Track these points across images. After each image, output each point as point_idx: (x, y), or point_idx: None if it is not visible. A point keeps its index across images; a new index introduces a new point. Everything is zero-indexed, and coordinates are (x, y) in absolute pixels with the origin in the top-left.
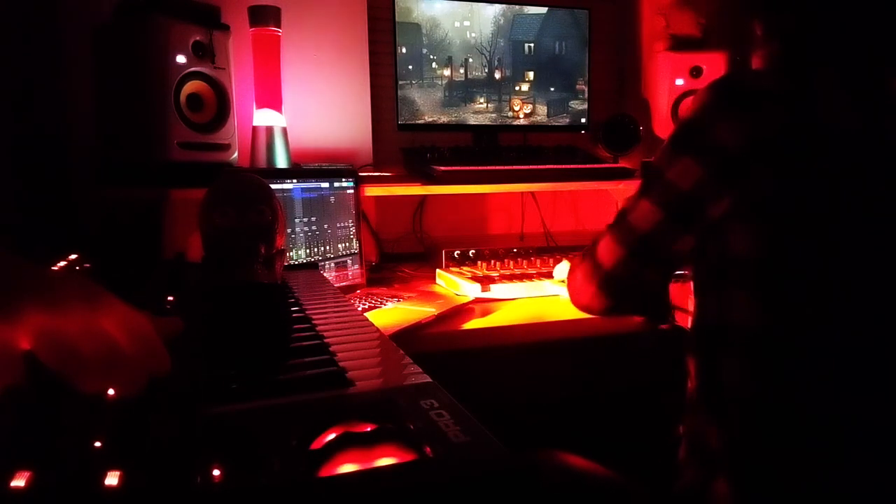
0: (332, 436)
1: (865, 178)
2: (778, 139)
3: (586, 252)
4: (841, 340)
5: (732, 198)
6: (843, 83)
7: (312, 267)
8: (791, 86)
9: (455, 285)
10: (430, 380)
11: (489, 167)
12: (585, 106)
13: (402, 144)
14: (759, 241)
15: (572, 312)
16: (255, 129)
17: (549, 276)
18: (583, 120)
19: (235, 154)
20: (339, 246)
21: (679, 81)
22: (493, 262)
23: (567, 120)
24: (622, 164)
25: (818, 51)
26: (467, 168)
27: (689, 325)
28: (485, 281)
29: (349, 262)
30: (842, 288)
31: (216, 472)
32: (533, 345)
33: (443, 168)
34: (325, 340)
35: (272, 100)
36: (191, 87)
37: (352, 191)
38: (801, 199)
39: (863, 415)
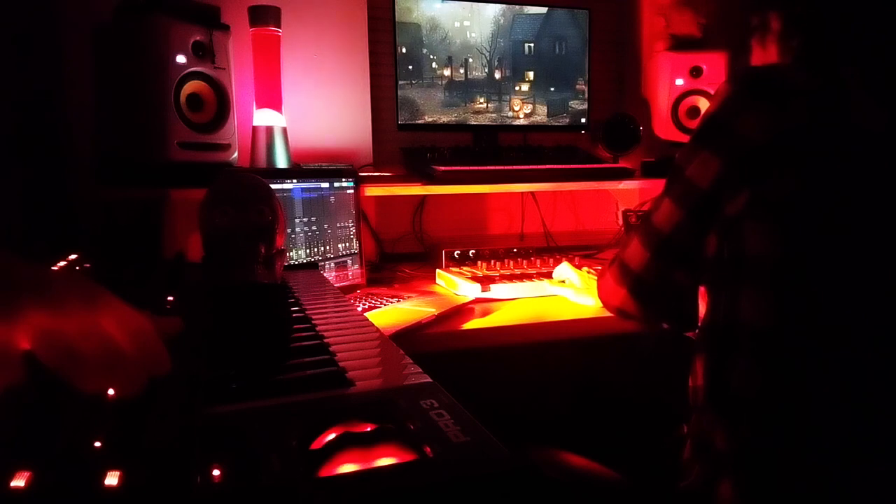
0: (332, 436)
1: (886, 181)
2: (801, 136)
3: (616, 255)
4: (854, 344)
5: (750, 194)
6: (867, 83)
7: (312, 267)
8: (818, 83)
9: (455, 285)
10: (430, 380)
11: (489, 167)
12: (585, 106)
13: (402, 144)
14: (775, 241)
15: (572, 312)
16: (255, 129)
17: (549, 276)
18: (583, 120)
19: (235, 154)
20: (339, 246)
21: (679, 81)
22: (493, 262)
23: (567, 120)
24: (622, 164)
25: (842, 48)
26: (467, 168)
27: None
28: (485, 281)
29: (349, 262)
30: (857, 291)
31: (216, 472)
32: (533, 345)
33: (443, 168)
34: (325, 340)
35: (272, 100)
36: (191, 87)
37: (352, 191)
38: (821, 199)
39: (873, 419)
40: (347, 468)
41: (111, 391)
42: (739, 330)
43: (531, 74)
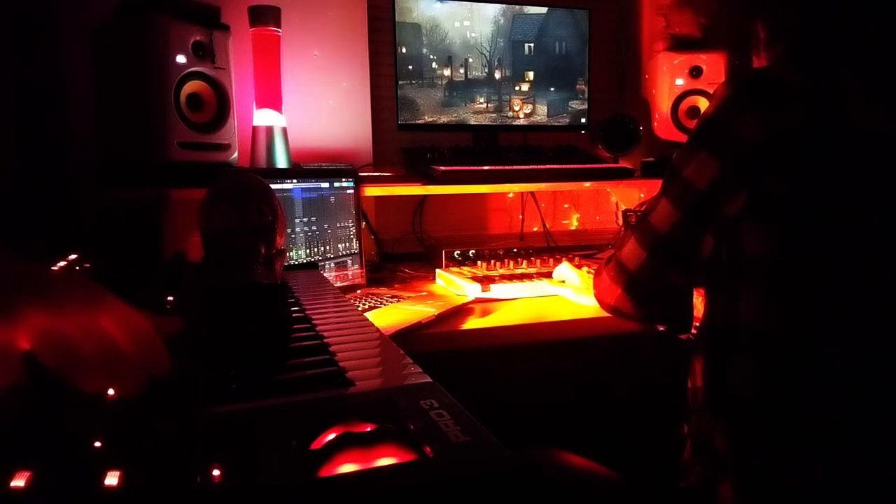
0: (332, 436)
1: (884, 180)
2: (799, 137)
3: (612, 254)
4: (853, 344)
5: (748, 195)
6: (861, 83)
7: (312, 267)
8: (816, 84)
9: (455, 285)
10: (430, 380)
11: (489, 167)
12: (585, 106)
13: (402, 144)
14: (774, 242)
15: (572, 312)
16: (255, 129)
17: (549, 276)
18: (583, 120)
19: (235, 154)
20: (339, 246)
21: (679, 81)
22: (493, 262)
23: (567, 120)
24: (622, 164)
25: (831, 50)
26: (467, 168)
27: (698, 324)
28: (485, 281)
29: (349, 262)
30: (856, 291)
31: (216, 472)
32: (533, 345)
33: (443, 168)
34: (325, 340)
35: (272, 100)
36: (191, 87)
37: (352, 191)
38: (820, 200)
39: (874, 420)
40: (347, 468)
41: (111, 391)
42: (738, 331)
43: (531, 74)
